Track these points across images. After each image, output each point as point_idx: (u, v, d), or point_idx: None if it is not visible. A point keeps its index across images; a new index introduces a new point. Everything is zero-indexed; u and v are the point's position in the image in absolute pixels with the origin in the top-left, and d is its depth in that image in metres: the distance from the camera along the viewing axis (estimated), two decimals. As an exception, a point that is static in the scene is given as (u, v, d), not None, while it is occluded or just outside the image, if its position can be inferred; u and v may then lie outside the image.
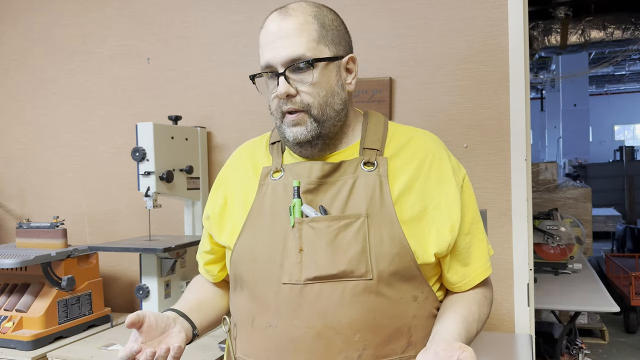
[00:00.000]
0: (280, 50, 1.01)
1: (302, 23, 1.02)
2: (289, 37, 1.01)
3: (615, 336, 4.62)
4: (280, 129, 1.07)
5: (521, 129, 1.96)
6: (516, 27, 1.96)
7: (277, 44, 1.01)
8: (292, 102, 1.02)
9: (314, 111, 1.03)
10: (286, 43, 1.01)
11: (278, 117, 1.06)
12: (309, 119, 1.03)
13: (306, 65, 1.01)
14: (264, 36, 1.04)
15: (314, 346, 0.98)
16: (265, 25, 1.05)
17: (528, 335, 1.95)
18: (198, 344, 1.94)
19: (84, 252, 2.12)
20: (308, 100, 1.03)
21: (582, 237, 3.56)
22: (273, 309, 1.02)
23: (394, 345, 1.01)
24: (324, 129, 1.05)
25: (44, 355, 1.89)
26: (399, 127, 1.16)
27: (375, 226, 1.00)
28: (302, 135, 1.04)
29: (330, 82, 1.04)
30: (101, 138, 2.55)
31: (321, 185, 1.05)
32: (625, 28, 4.67)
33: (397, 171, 1.06)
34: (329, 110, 1.04)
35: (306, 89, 1.02)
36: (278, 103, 1.04)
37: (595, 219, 7.11)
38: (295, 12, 1.03)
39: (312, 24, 1.02)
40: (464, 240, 1.09)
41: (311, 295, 0.99)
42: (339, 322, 0.98)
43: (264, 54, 1.03)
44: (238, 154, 1.23)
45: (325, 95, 1.04)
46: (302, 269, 1.00)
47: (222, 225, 1.15)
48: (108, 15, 2.53)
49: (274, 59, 1.02)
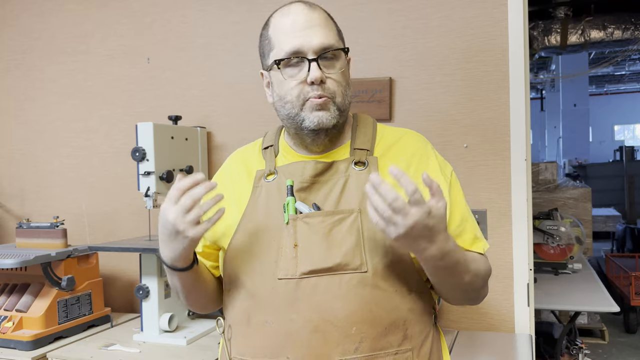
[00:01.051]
0: (313, 37, 1.03)
1: (326, 18, 1.08)
2: (320, 27, 1.05)
3: (615, 336, 4.62)
4: (296, 118, 1.06)
5: (521, 129, 1.96)
6: (516, 27, 1.96)
7: (309, 32, 1.04)
8: (322, 89, 1.05)
9: (338, 99, 1.07)
10: (318, 32, 1.04)
11: (298, 104, 1.06)
12: (332, 106, 1.06)
13: (335, 54, 1.06)
14: (288, 23, 1.05)
15: (311, 340, 0.99)
16: (288, 13, 1.07)
17: (528, 335, 1.95)
18: (198, 344, 1.94)
19: (84, 252, 2.12)
20: (334, 87, 1.06)
21: (582, 237, 3.56)
22: (269, 306, 1.03)
23: (390, 338, 1.02)
24: (341, 119, 1.08)
25: (44, 355, 1.89)
26: (386, 128, 1.19)
27: (369, 221, 1.01)
28: (327, 120, 1.05)
29: (347, 75, 1.11)
30: (101, 138, 2.55)
31: (314, 184, 1.07)
32: (625, 28, 4.67)
33: (387, 169, 1.07)
34: (346, 101, 1.09)
35: (335, 76, 1.06)
36: (301, 90, 1.05)
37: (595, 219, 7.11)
38: (317, 7, 1.08)
39: (331, 21, 1.10)
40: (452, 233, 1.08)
41: (307, 289, 1.00)
42: (336, 315, 0.99)
43: (291, 40, 1.04)
44: (231, 160, 1.24)
45: (345, 86, 1.09)
46: (297, 263, 1.01)
47: (215, 227, 1.15)
48: (108, 15, 2.53)
49: (306, 45, 1.03)
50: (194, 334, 1.98)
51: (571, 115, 12.21)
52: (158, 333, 1.98)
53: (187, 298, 1.16)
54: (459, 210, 1.12)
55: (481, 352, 1.81)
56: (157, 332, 1.98)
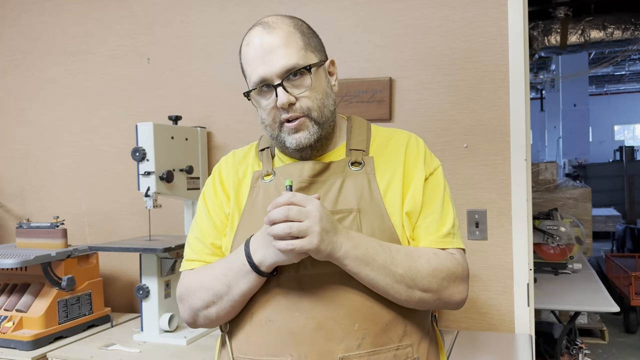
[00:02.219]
0: (274, 62, 1.03)
1: (287, 34, 1.06)
2: (280, 49, 1.04)
3: (615, 336, 4.62)
4: (278, 139, 1.09)
5: (521, 129, 1.96)
6: (516, 27, 1.96)
7: (269, 57, 1.04)
8: (293, 110, 1.05)
9: (314, 114, 1.07)
10: (278, 55, 1.03)
11: (276, 127, 1.08)
12: (310, 122, 1.07)
13: (301, 72, 1.05)
14: (251, 52, 1.06)
15: (314, 337, 1.00)
16: (249, 42, 1.07)
17: (528, 335, 1.95)
18: (198, 344, 1.94)
19: (84, 252, 2.12)
20: (307, 104, 1.06)
21: (582, 237, 3.56)
22: (272, 304, 1.04)
23: (391, 334, 1.03)
24: (323, 130, 1.09)
25: (44, 355, 1.89)
26: (380, 129, 1.21)
27: (367, 220, 1.05)
28: (306, 140, 1.07)
29: (322, 85, 1.09)
30: (101, 138, 2.55)
31: (312, 184, 1.09)
32: (625, 28, 4.68)
33: (382, 169, 1.11)
34: (326, 112, 1.09)
35: (305, 94, 1.05)
36: (275, 114, 1.07)
37: (595, 219, 7.12)
38: (277, 25, 1.06)
39: (295, 34, 1.07)
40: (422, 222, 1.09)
41: (309, 287, 1.02)
42: (338, 312, 1.01)
43: (255, 69, 1.05)
44: (226, 162, 1.22)
45: (322, 97, 1.08)
46: (299, 263, 1.02)
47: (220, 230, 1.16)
48: (108, 15, 2.53)
49: (268, 72, 1.04)
50: (194, 334, 1.98)
51: (571, 115, 12.21)
52: (158, 333, 1.98)
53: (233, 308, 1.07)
54: (430, 206, 1.10)
55: (481, 352, 1.82)
56: (157, 332, 1.98)
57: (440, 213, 1.10)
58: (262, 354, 1.04)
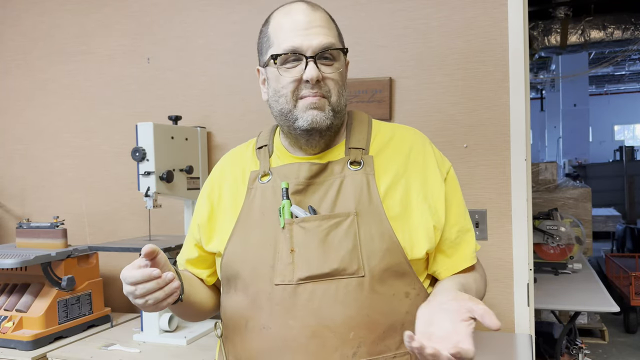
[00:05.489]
0: (314, 37, 1.03)
1: (328, 19, 1.08)
2: (322, 27, 1.05)
3: (615, 336, 4.62)
4: (289, 115, 1.05)
5: (521, 129, 1.96)
6: (516, 27, 1.96)
7: (309, 32, 1.03)
8: (318, 87, 1.04)
9: (333, 99, 1.06)
10: (319, 31, 1.04)
11: (292, 100, 1.05)
12: (327, 106, 1.05)
13: (334, 55, 1.05)
14: (289, 23, 1.04)
15: (309, 346, 0.99)
16: (289, 12, 1.06)
17: (528, 335, 1.95)
18: (198, 344, 1.94)
19: (84, 252, 2.12)
20: (330, 87, 1.05)
21: (582, 237, 3.56)
22: (267, 311, 1.02)
23: (388, 342, 1.01)
24: (336, 120, 1.07)
25: (44, 355, 1.89)
26: (382, 124, 1.18)
27: (365, 224, 1.02)
28: (321, 120, 1.04)
29: (344, 76, 1.10)
30: (101, 138, 2.55)
31: (309, 186, 1.06)
32: (625, 28, 4.68)
33: (383, 168, 1.08)
34: (342, 102, 1.08)
35: (332, 76, 1.05)
36: (296, 87, 1.04)
37: (595, 219, 7.11)
38: (319, 8, 1.08)
39: (333, 23, 1.09)
40: (449, 233, 1.09)
41: (304, 295, 0.99)
42: (333, 320, 0.98)
43: (291, 38, 1.03)
44: (224, 161, 1.22)
45: (342, 87, 1.08)
46: (294, 269, 1.00)
47: (211, 232, 1.15)
48: (108, 15, 2.53)
49: (305, 44, 1.02)
50: (194, 334, 1.98)
51: (571, 115, 12.21)
52: (158, 333, 1.98)
53: (182, 317, 1.20)
54: (456, 214, 1.10)
55: (481, 352, 1.81)
56: (157, 332, 1.98)
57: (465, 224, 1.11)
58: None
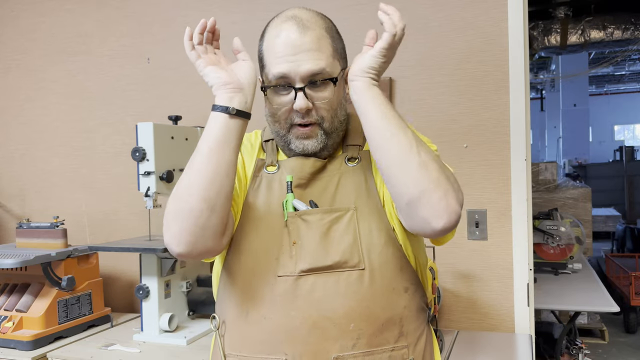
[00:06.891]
0: (301, 63, 1.00)
1: (320, 38, 1.02)
2: (311, 52, 1.01)
3: (615, 336, 4.62)
4: (284, 138, 1.08)
5: (521, 129, 1.96)
6: (516, 27, 1.96)
7: (297, 58, 1.00)
8: (309, 116, 1.04)
9: (326, 124, 1.06)
10: (309, 56, 1.00)
11: (286, 126, 1.07)
12: (319, 131, 1.06)
13: (325, 82, 1.02)
14: (279, 47, 1.02)
15: (309, 336, 1.00)
16: (279, 35, 1.03)
17: (528, 335, 1.95)
18: (198, 344, 1.94)
19: (84, 252, 2.12)
20: (322, 113, 1.05)
21: (582, 237, 3.56)
22: (268, 302, 1.03)
23: (387, 335, 1.03)
24: (330, 140, 1.08)
25: (44, 355, 1.89)
26: None
27: (364, 218, 1.04)
28: (312, 148, 1.07)
29: (339, 96, 1.08)
30: (101, 138, 2.55)
31: (311, 181, 1.08)
32: (625, 28, 4.67)
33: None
34: (336, 122, 1.08)
35: (323, 103, 1.04)
36: (288, 114, 1.05)
37: (595, 219, 7.11)
38: (311, 26, 1.02)
39: (327, 39, 1.04)
40: None
41: (306, 287, 1.02)
42: (334, 311, 1.00)
43: (279, 65, 1.02)
44: None
45: (335, 108, 1.07)
46: (296, 261, 1.02)
47: None
48: (108, 15, 2.53)
49: (293, 72, 1.01)
50: (194, 334, 1.98)
51: (571, 115, 12.21)
52: (158, 333, 1.98)
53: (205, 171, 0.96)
54: None
55: (481, 352, 1.81)
56: (157, 332, 1.98)
57: None
58: (256, 352, 1.04)
